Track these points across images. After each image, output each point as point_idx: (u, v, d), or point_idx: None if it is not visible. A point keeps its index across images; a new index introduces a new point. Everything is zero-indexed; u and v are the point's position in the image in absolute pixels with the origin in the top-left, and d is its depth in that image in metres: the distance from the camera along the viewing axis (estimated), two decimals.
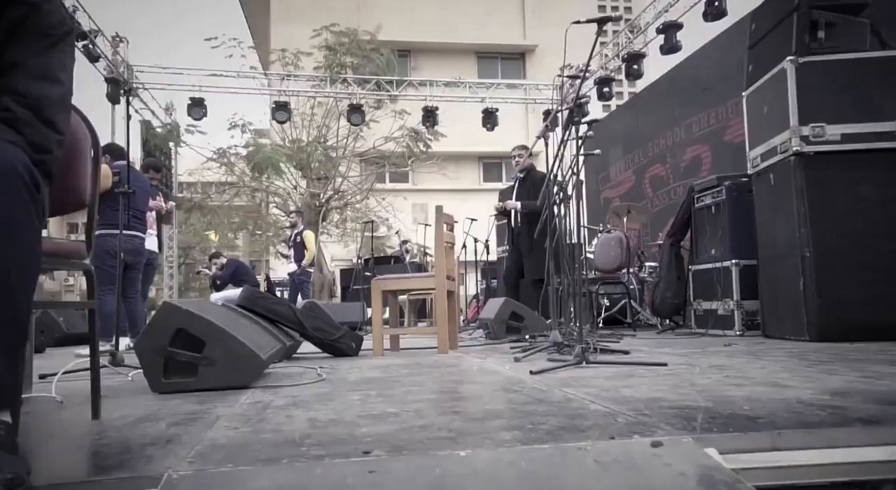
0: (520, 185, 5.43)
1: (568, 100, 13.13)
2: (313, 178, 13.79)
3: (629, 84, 23.79)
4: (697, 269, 4.59)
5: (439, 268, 3.48)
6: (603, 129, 9.29)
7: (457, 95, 13.28)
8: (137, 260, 4.55)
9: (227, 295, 7.91)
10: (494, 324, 4.40)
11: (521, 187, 5.41)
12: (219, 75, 11.88)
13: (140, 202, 4.56)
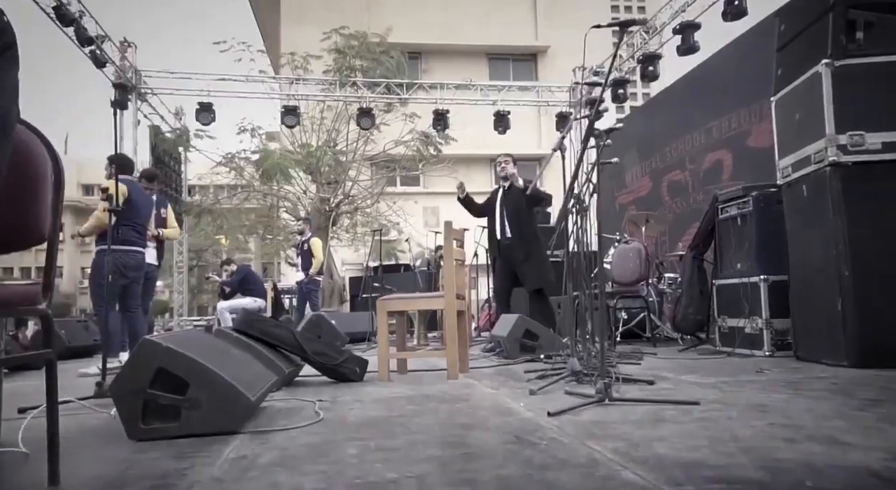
0: (505, 194, 5.18)
1: (584, 104, 12.88)
2: (323, 182, 13.64)
3: (643, 85, 23.46)
4: (722, 284, 4.34)
5: (448, 287, 3.27)
6: (617, 132, 9.06)
7: (468, 98, 13.08)
8: (138, 275, 4.39)
9: (233, 304, 7.76)
10: (507, 342, 4.18)
11: (506, 197, 5.16)
12: (227, 80, 11.76)
13: (142, 216, 4.40)
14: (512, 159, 5.26)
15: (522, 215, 5.06)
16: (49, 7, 8.22)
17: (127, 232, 4.23)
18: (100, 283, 4.16)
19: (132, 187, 4.34)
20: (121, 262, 4.18)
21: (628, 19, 2.53)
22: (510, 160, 5.26)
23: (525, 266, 4.94)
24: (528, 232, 5.04)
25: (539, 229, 5.32)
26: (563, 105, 13.40)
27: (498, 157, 5.34)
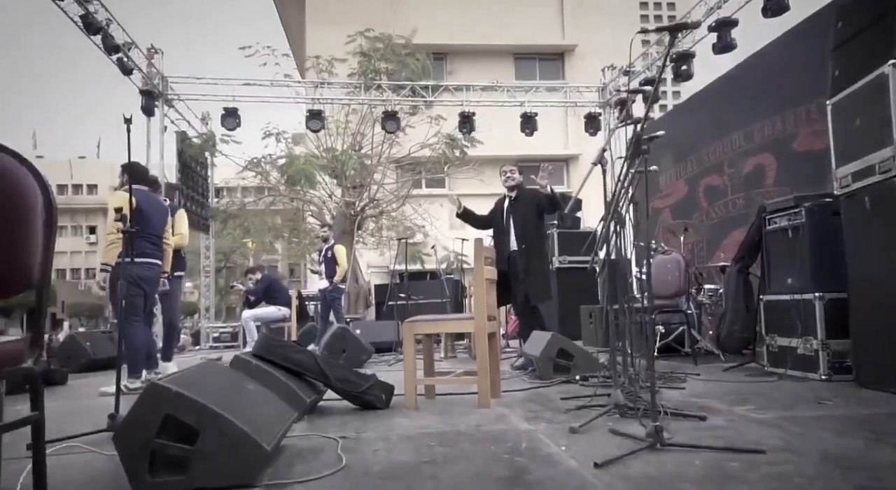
0: (512, 205, 4.92)
1: (614, 105, 12.55)
2: (348, 186, 13.54)
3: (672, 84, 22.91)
4: (771, 300, 4.06)
5: (479, 308, 3.07)
6: (651, 131, 8.74)
7: (494, 100, 12.85)
8: (154, 288, 4.29)
9: (257, 313, 7.67)
10: (541, 362, 3.96)
11: (514, 207, 4.89)
12: (253, 84, 11.74)
13: (155, 227, 4.29)
14: (518, 169, 5.07)
15: (530, 226, 4.86)
16: (76, 16, 8.24)
17: (141, 244, 4.11)
18: (123, 298, 4.04)
19: (142, 197, 4.20)
20: (137, 274, 4.07)
21: (679, 23, 2.29)
22: (516, 170, 5.06)
23: (529, 279, 4.72)
24: (535, 244, 4.86)
25: (546, 241, 5.14)
26: (593, 105, 13.08)
27: (503, 167, 5.14)
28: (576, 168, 22.57)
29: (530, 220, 4.85)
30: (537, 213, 4.85)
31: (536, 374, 4.15)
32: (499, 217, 5.00)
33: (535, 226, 4.89)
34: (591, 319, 7.45)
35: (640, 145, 2.52)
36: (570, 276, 9.02)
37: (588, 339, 7.59)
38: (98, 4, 8.67)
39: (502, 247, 4.90)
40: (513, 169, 5.05)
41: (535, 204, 4.78)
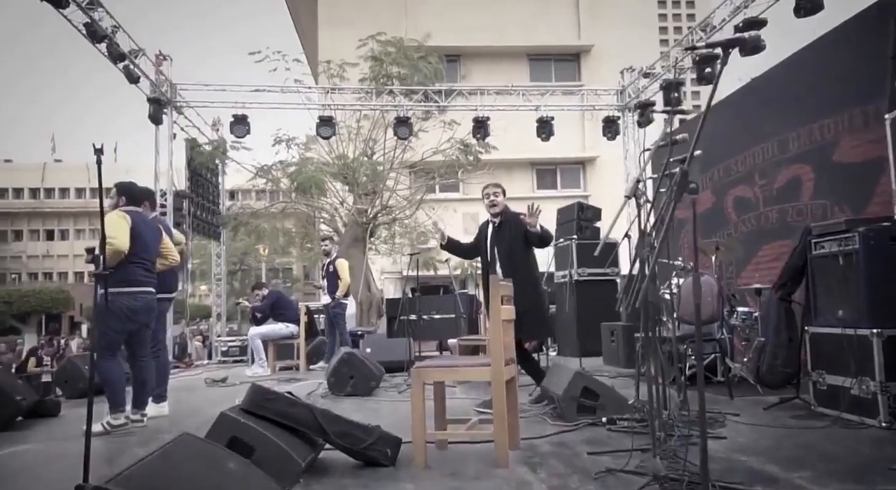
0: (496, 231, 4.40)
1: (633, 108, 12.13)
2: (360, 193, 13.26)
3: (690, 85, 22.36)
4: (818, 333, 3.67)
5: (496, 352, 2.74)
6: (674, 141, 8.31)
7: (509, 104, 12.50)
8: (149, 318, 4.00)
9: (264, 331, 7.41)
10: (563, 401, 3.62)
11: (498, 234, 4.38)
12: (262, 91, 11.50)
13: (150, 251, 4.00)
14: (502, 190, 4.47)
15: (518, 255, 4.33)
16: (80, 24, 8.03)
17: (133, 271, 3.82)
18: (103, 332, 3.78)
19: (137, 219, 3.92)
20: (126, 305, 3.78)
21: (734, 38, 1.94)
22: (500, 190, 4.46)
23: (524, 317, 4.14)
24: (525, 274, 4.28)
25: (537, 269, 4.54)
26: (611, 109, 12.68)
27: (486, 188, 4.49)
28: (593, 171, 22.11)
29: (517, 247, 4.33)
30: (524, 240, 4.33)
31: (557, 411, 3.81)
32: (483, 245, 4.48)
33: (523, 254, 4.36)
34: (613, 338, 7.08)
35: (687, 182, 2.17)
36: (588, 289, 8.65)
37: (609, 358, 7.22)
38: (103, 12, 8.47)
39: (487, 278, 4.38)
40: (496, 190, 4.43)
41: (521, 231, 4.28)
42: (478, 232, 4.66)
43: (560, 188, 22.23)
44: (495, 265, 4.37)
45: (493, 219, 4.42)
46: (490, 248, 4.40)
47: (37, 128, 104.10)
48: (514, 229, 4.32)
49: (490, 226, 4.45)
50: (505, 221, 4.38)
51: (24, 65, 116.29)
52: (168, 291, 4.42)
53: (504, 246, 4.33)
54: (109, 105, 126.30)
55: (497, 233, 4.40)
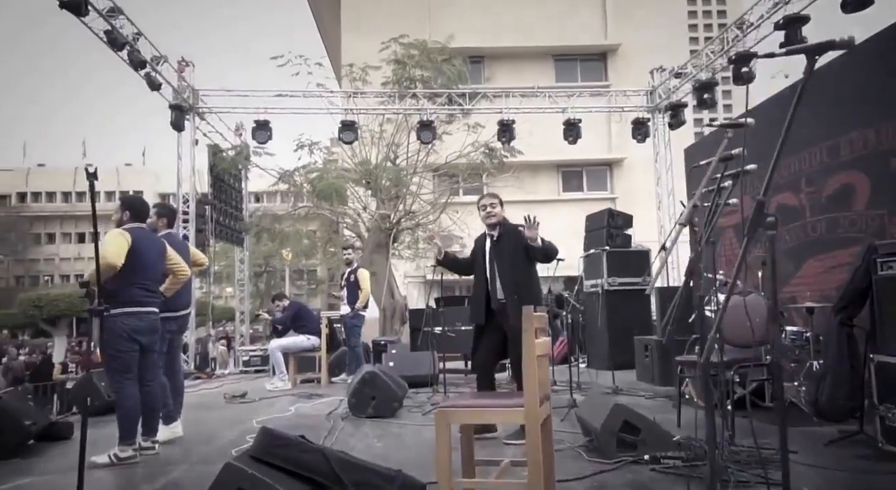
0: (494, 245, 4.04)
1: (664, 109, 11.71)
2: (383, 198, 13.07)
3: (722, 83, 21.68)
4: (885, 362, 3.32)
5: (530, 391, 2.47)
6: (714, 143, 7.91)
7: (535, 107, 12.19)
8: (153, 339, 3.80)
9: (285, 343, 7.24)
10: (602, 436, 3.33)
11: (496, 248, 4.02)
12: (285, 96, 11.38)
13: (152, 270, 3.81)
14: (499, 200, 4.12)
15: (521, 271, 3.97)
16: (101, 31, 7.96)
17: (132, 292, 3.65)
18: (111, 355, 3.60)
19: (139, 237, 3.74)
20: (129, 326, 3.61)
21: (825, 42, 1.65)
22: (497, 202, 4.10)
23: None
24: (529, 293, 3.93)
25: (540, 286, 4.16)
26: (641, 110, 12.28)
27: (481, 199, 4.16)
28: (620, 173, 21.63)
29: (519, 262, 3.96)
30: (526, 255, 3.98)
31: (594, 444, 3.52)
32: (480, 260, 4.09)
33: (525, 270, 4.01)
34: (647, 354, 6.74)
35: (763, 215, 1.88)
36: (620, 300, 8.33)
37: (643, 374, 6.88)
38: (124, 19, 8.40)
39: (482, 296, 4.01)
40: (493, 201, 4.08)
41: (522, 244, 3.93)
42: (474, 245, 4.27)
43: (586, 190, 21.80)
44: (495, 282, 3.98)
45: (491, 232, 4.07)
46: (489, 264, 4.03)
47: (68, 132, 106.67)
48: (514, 242, 3.97)
49: (487, 239, 4.09)
50: (504, 234, 4.01)
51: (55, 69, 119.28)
52: (174, 309, 4.22)
53: (504, 261, 3.95)
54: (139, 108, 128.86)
55: (496, 246, 4.02)
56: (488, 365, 4.04)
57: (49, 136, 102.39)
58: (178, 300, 4.28)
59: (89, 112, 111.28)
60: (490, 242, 4.06)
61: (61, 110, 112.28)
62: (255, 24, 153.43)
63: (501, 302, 3.96)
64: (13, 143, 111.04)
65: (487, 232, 4.10)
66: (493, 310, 4.00)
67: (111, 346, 3.60)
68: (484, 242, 4.12)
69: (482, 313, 4.02)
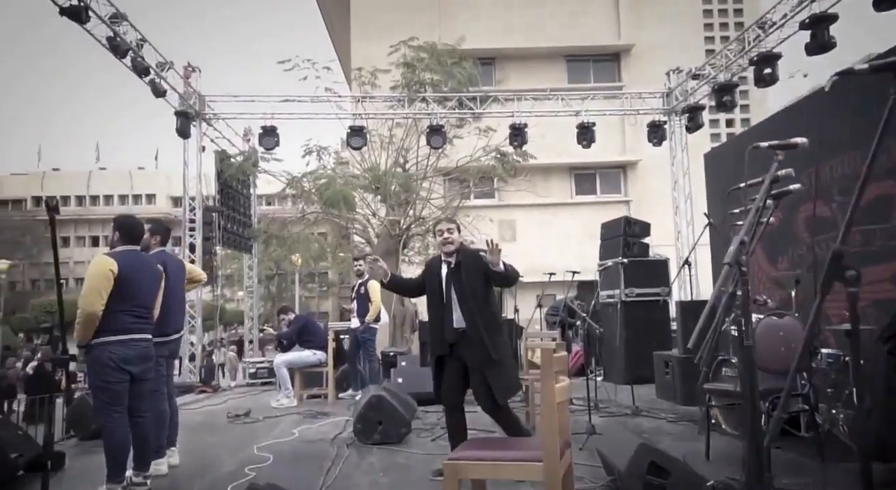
0: (452, 272, 3.74)
1: (681, 112, 11.37)
2: (393, 204, 12.83)
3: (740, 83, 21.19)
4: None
5: (549, 441, 2.20)
6: (740, 150, 7.57)
7: (548, 110, 11.89)
8: (146, 367, 3.56)
9: (290, 358, 7.01)
10: (627, 480, 3.05)
11: (455, 275, 3.72)
12: (292, 101, 11.18)
13: (146, 297, 3.58)
14: (456, 226, 3.86)
15: (480, 298, 3.69)
16: (103, 38, 7.78)
17: (122, 318, 3.42)
18: (98, 386, 3.38)
19: (129, 261, 3.49)
20: (117, 355, 3.37)
21: None
22: (454, 226, 3.84)
23: (491, 373, 3.54)
24: (490, 321, 3.68)
25: (500, 313, 3.90)
26: (657, 113, 11.94)
27: (438, 224, 3.90)
28: (634, 175, 21.25)
29: (479, 289, 3.69)
30: (486, 281, 3.71)
31: (617, 484, 3.24)
32: (435, 288, 3.79)
33: (485, 296, 3.74)
34: (669, 370, 6.42)
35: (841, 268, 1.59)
36: (638, 311, 8.02)
37: (663, 391, 6.57)
38: (128, 25, 8.22)
39: (441, 325, 3.71)
40: (450, 227, 3.82)
41: (482, 269, 3.66)
42: (425, 269, 3.97)
43: (600, 193, 21.45)
44: (451, 310, 3.68)
45: (448, 258, 3.78)
46: (445, 292, 3.73)
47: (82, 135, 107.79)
48: (473, 268, 3.69)
49: (444, 266, 3.79)
50: (462, 261, 3.72)
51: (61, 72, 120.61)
52: (164, 334, 3.98)
53: (465, 288, 3.66)
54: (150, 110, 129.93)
55: (454, 273, 3.72)
56: (458, 400, 3.71)
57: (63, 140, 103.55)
58: (169, 324, 4.05)
59: (101, 115, 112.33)
60: (447, 269, 3.75)
61: (74, 114, 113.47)
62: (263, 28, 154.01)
63: (459, 331, 3.66)
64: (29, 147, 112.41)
65: (444, 258, 3.80)
66: (449, 339, 3.67)
67: (98, 377, 3.38)
68: (439, 268, 3.81)
69: (444, 343, 3.70)
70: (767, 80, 8.57)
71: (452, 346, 3.68)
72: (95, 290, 3.33)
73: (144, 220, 4.47)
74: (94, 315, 3.32)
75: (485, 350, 3.58)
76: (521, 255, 17.68)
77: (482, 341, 3.59)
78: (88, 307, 3.33)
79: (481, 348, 3.59)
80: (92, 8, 7.29)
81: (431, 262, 3.98)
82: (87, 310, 3.32)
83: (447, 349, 3.69)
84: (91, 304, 3.33)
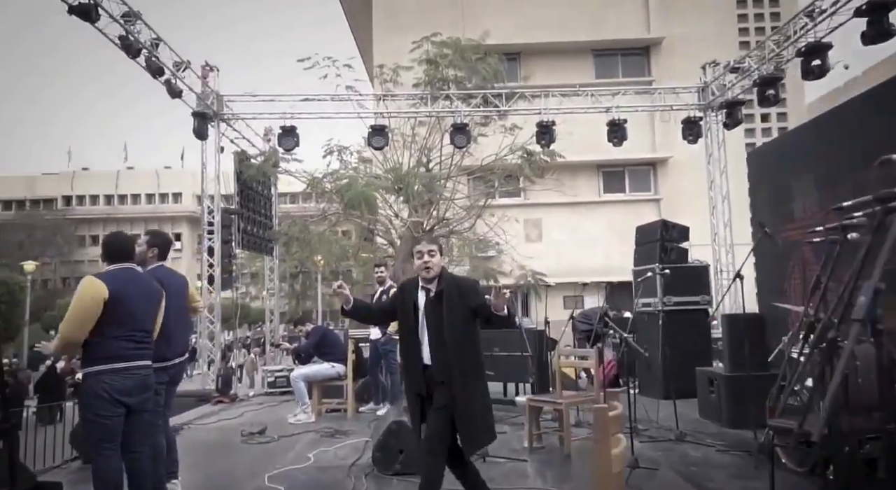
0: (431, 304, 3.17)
1: (718, 107, 10.76)
2: (416, 205, 12.44)
3: None
4: None
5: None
6: (786, 150, 7.00)
7: (576, 107, 11.40)
8: (144, 398, 3.22)
9: (308, 372, 6.69)
10: None
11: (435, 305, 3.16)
12: (312, 100, 10.88)
13: (142, 319, 3.23)
14: (438, 248, 3.25)
15: (460, 336, 3.13)
16: (116, 37, 7.54)
17: (117, 345, 3.08)
18: (89, 419, 3.06)
19: (121, 281, 3.16)
20: (111, 386, 3.03)
21: None
22: (435, 249, 3.22)
23: (470, 422, 3.06)
24: (467, 364, 3.13)
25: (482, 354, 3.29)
26: (692, 108, 11.36)
27: (417, 245, 3.29)
28: (664, 173, 20.54)
29: (460, 326, 3.13)
30: (471, 317, 3.17)
31: None
32: (410, 316, 3.23)
33: (467, 334, 3.17)
34: (713, 389, 5.93)
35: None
36: (677, 320, 7.50)
37: (707, 411, 6.07)
38: (141, 25, 7.96)
39: (414, 361, 3.20)
40: (431, 249, 3.19)
41: (468, 304, 3.14)
42: (398, 294, 3.39)
43: (629, 191, 20.78)
44: (421, 348, 3.16)
45: (427, 285, 3.20)
46: (422, 326, 3.18)
47: (110, 135, 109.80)
48: (458, 300, 3.14)
49: (423, 294, 3.21)
50: (445, 290, 3.15)
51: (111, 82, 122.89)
52: (165, 359, 3.62)
53: (441, 322, 3.11)
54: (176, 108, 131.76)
55: (432, 305, 3.17)
56: (441, 449, 3.05)
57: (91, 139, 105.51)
58: (171, 348, 3.70)
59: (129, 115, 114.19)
60: (426, 298, 3.20)
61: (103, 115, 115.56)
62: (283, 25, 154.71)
63: (433, 367, 3.14)
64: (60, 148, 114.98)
65: (423, 285, 3.23)
66: (425, 377, 3.16)
67: (89, 409, 3.05)
68: (415, 295, 3.24)
69: (421, 381, 3.17)
70: (816, 73, 7.98)
71: (427, 385, 3.14)
72: (78, 318, 3.01)
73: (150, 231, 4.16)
74: (73, 344, 3.02)
75: (462, 399, 3.04)
76: (547, 255, 17.23)
77: (459, 384, 3.04)
78: (68, 335, 3.03)
79: (457, 390, 3.04)
80: (103, 6, 7.03)
81: (406, 286, 3.36)
82: (65, 337, 3.04)
83: (423, 388, 3.15)
84: (70, 333, 3.03)
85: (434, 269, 3.17)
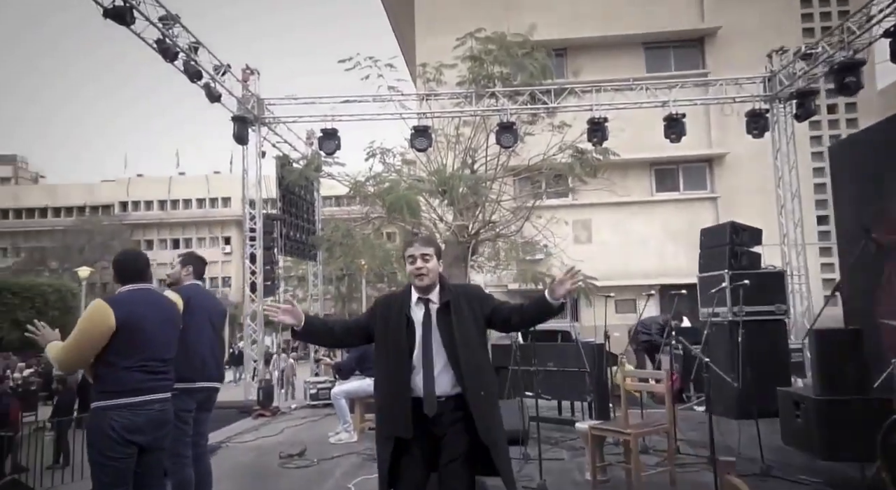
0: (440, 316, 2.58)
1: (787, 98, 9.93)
2: (461, 208, 11.99)
3: None
4: None
5: None
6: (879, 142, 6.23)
7: (630, 102, 10.75)
8: (159, 435, 2.85)
9: (349, 389, 6.33)
10: None
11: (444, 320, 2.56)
12: (353, 101, 10.58)
13: (158, 346, 2.88)
14: (434, 250, 2.66)
15: (479, 355, 2.61)
16: (153, 41, 7.37)
17: (129, 377, 2.74)
18: (97, 461, 2.72)
19: (133, 304, 2.82)
20: (121, 424, 2.69)
21: None
22: (432, 253, 2.63)
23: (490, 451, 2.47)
24: (489, 386, 2.62)
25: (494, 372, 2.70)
26: (757, 100, 10.55)
27: (408, 247, 2.68)
28: (721, 170, 19.45)
29: (477, 343, 2.62)
30: (483, 329, 2.67)
31: None
32: (398, 338, 2.58)
33: (485, 353, 2.69)
34: (799, 413, 5.26)
35: None
36: (750, 332, 6.78)
37: (793, 438, 5.40)
38: (180, 28, 7.78)
39: (403, 395, 2.52)
40: (425, 251, 2.61)
41: (480, 313, 2.63)
42: (376, 309, 2.73)
43: (683, 190, 19.75)
44: (430, 369, 2.52)
45: (424, 295, 2.62)
46: (422, 345, 2.56)
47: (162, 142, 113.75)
48: (468, 311, 2.59)
49: (420, 306, 2.62)
50: (453, 300, 2.59)
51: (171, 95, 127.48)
52: (188, 380, 3.28)
53: (456, 339, 2.52)
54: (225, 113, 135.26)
55: (440, 319, 2.57)
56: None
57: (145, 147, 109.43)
58: (195, 368, 3.38)
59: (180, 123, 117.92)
60: (424, 311, 2.60)
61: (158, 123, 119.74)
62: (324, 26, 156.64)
63: (440, 397, 2.52)
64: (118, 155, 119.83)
65: (419, 295, 2.63)
66: (424, 416, 2.51)
67: (96, 450, 2.72)
68: (407, 309, 2.62)
69: (408, 421, 2.50)
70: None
71: (426, 422, 2.52)
72: (78, 348, 2.69)
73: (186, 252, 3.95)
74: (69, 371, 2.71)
75: (483, 423, 2.47)
76: (597, 257, 16.50)
77: (484, 413, 2.47)
78: (63, 365, 2.76)
79: (472, 428, 2.46)
80: (139, 9, 6.85)
81: (389, 301, 2.72)
82: (60, 366, 2.78)
83: (410, 431, 2.50)
84: (66, 361, 2.75)
85: (429, 277, 2.61)
